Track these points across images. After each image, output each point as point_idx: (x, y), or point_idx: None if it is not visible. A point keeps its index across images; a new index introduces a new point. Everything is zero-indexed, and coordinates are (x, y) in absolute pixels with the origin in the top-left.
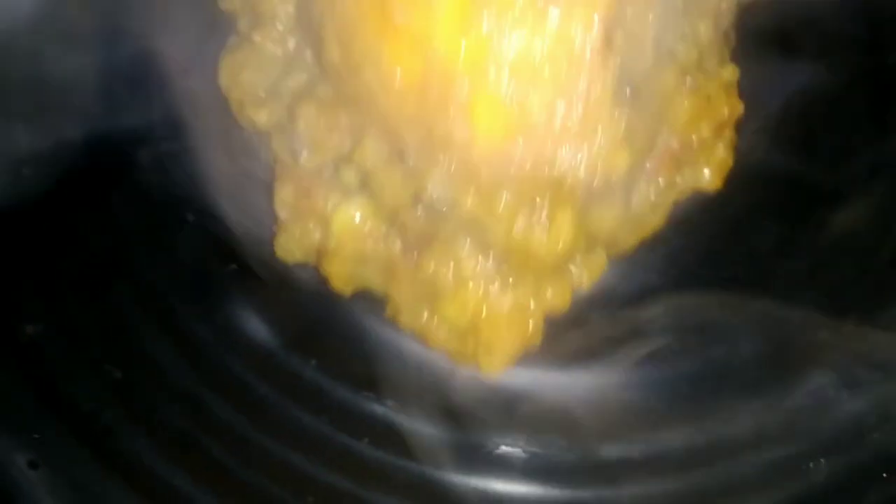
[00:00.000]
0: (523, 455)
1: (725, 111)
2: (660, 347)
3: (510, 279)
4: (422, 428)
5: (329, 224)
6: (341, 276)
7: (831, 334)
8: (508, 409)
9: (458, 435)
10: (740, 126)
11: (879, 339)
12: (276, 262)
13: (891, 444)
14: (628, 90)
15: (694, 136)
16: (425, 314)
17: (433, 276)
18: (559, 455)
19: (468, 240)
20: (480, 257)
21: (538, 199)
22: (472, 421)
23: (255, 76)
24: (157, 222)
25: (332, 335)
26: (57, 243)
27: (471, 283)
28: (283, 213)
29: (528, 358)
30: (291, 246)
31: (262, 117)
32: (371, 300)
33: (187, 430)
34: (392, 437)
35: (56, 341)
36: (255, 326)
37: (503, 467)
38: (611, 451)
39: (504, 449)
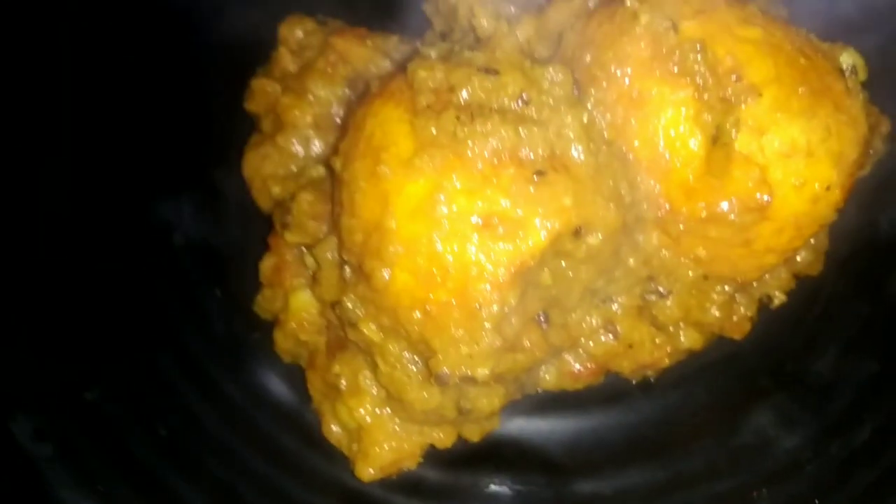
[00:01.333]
0: (510, 493)
1: (647, 359)
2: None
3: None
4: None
5: (287, 300)
6: (282, 347)
7: (770, 381)
8: (496, 453)
9: (453, 476)
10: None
11: (812, 384)
12: None
13: (823, 474)
14: (542, 316)
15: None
16: (326, 407)
17: (336, 379)
18: (540, 492)
19: (367, 361)
20: (376, 381)
21: (419, 363)
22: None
23: (277, 168)
24: (192, 298)
25: None
26: (110, 321)
27: (363, 398)
28: (263, 279)
29: (513, 406)
30: (263, 306)
31: (274, 191)
32: None
33: (225, 478)
34: (399, 479)
35: (112, 404)
36: (277, 386)
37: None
38: (584, 486)
39: (493, 488)
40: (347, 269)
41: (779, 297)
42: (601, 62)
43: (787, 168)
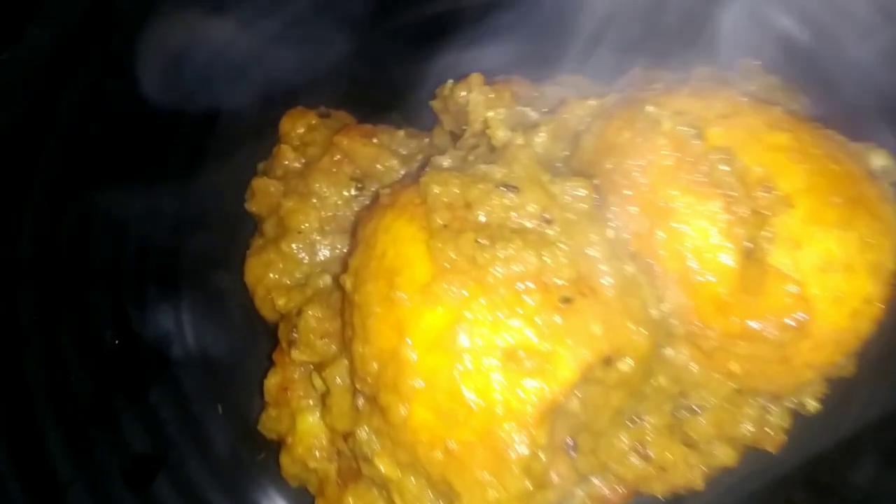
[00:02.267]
0: None
1: (679, 481)
2: None
3: None
4: None
5: (295, 422)
6: (288, 472)
7: (806, 493)
8: None
9: None
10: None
11: (849, 496)
12: None
13: None
14: (570, 441)
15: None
16: None
17: None
18: None
19: (382, 495)
20: None
21: (441, 501)
22: None
23: (281, 276)
24: (191, 415)
25: None
26: (103, 442)
27: None
28: (268, 397)
29: None
30: (268, 426)
31: (279, 303)
32: None
33: None
34: None
35: None
36: None
37: None
38: None
39: None
40: (361, 399)
41: (812, 405)
42: (623, 169)
43: (825, 283)
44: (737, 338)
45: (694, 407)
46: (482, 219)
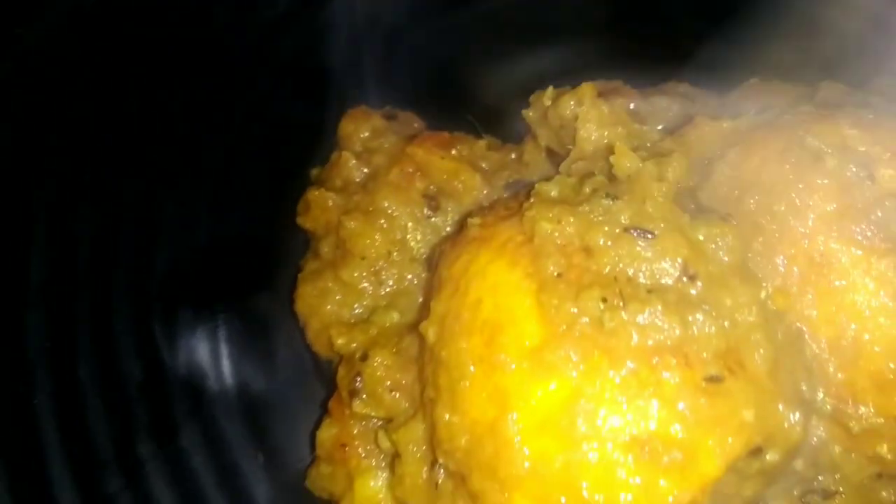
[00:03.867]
0: None
1: None
2: None
3: None
4: None
5: (353, 484)
6: None
7: None
8: None
9: None
10: None
11: None
12: None
13: None
14: None
15: None
16: None
17: None
18: None
19: None
20: None
21: None
22: None
23: (340, 309)
24: (227, 464)
25: None
26: (124, 498)
27: None
28: (321, 451)
29: None
30: (319, 484)
31: (338, 343)
32: None
33: None
34: None
35: None
36: None
37: None
38: None
39: None
40: (442, 474)
41: None
42: (771, 212)
43: None
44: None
45: (827, 490)
46: (606, 270)
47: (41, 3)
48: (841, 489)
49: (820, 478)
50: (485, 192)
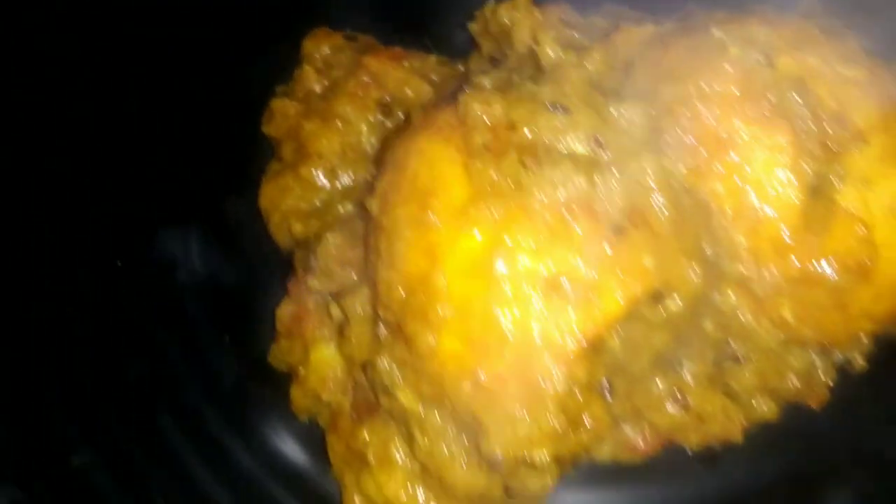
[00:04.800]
0: None
1: (718, 432)
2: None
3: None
4: None
5: (308, 353)
6: (299, 405)
7: (848, 457)
8: None
9: None
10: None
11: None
12: None
13: None
14: (606, 383)
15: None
16: (349, 477)
17: (363, 446)
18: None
19: (401, 430)
20: (409, 453)
21: (465, 437)
22: None
23: (299, 202)
24: (196, 345)
25: None
26: (102, 367)
27: (394, 472)
28: (280, 327)
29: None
30: (279, 358)
31: (296, 229)
32: None
33: None
34: None
35: (102, 471)
36: (292, 449)
37: None
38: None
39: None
40: (383, 327)
41: (860, 362)
42: (682, 97)
43: (894, 227)
44: (794, 281)
45: (738, 356)
46: (528, 139)
47: None
48: (752, 355)
49: (732, 344)
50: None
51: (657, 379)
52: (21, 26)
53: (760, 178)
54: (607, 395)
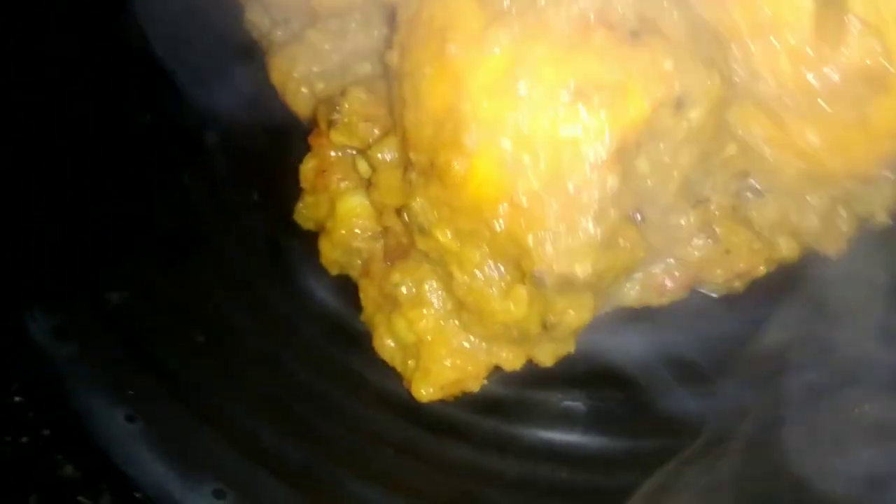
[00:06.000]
0: (584, 408)
1: (742, 266)
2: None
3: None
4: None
5: (334, 206)
6: (329, 257)
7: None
8: (569, 371)
9: (526, 392)
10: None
11: None
12: None
13: None
14: (638, 215)
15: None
16: (380, 319)
17: (395, 288)
18: (617, 408)
19: (436, 270)
20: (443, 291)
21: (503, 269)
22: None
23: (311, 66)
24: (226, 200)
25: None
26: (135, 220)
27: (426, 309)
28: (304, 183)
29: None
30: (305, 215)
31: (318, 88)
32: None
33: (269, 389)
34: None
35: (139, 307)
36: (323, 294)
37: (567, 420)
38: (665, 403)
39: (567, 403)
40: (413, 172)
41: (881, 217)
42: None
43: None
44: (814, 96)
45: (760, 189)
46: None
47: None
48: (774, 187)
49: (753, 179)
50: None
51: (687, 213)
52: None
53: None
54: (640, 223)
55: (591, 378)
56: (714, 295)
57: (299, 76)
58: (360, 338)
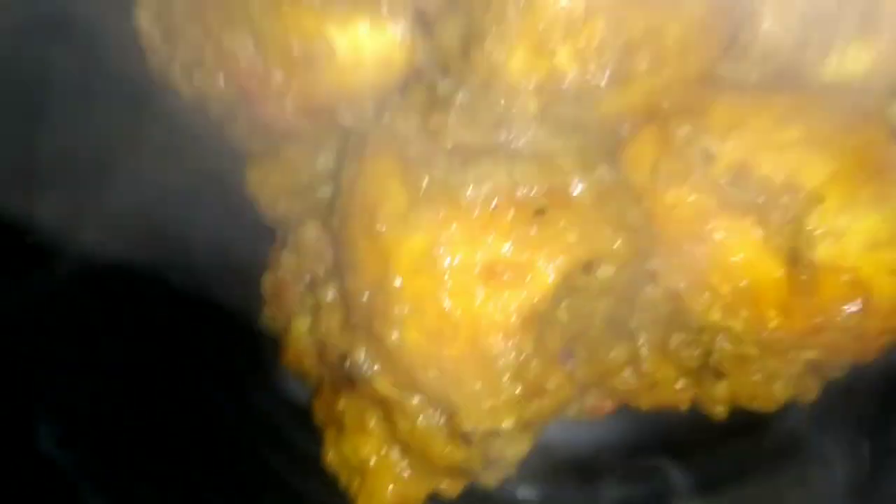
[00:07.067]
0: (537, 499)
1: (667, 398)
2: None
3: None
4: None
5: (289, 324)
6: (289, 365)
7: None
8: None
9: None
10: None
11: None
12: None
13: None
14: (568, 354)
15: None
16: (330, 433)
17: (341, 415)
18: (572, 496)
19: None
20: (387, 423)
21: (440, 416)
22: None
23: (284, 180)
24: (215, 298)
25: None
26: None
27: (370, 437)
28: (265, 294)
29: None
30: (268, 323)
31: (281, 207)
32: None
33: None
34: None
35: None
36: (299, 391)
37: None
38: (616, 489)
39: (521, 493)
40: (355, 321)
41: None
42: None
43: (875, 261)
44: (807, 335)
45: (721, 370)
46: (451, 143)
47: None
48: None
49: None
50: None
51: (617, 346)
52: None
53: (744, 261)
54: (568, 362)
55: (543, 467)
56: None
57: (271, 189)
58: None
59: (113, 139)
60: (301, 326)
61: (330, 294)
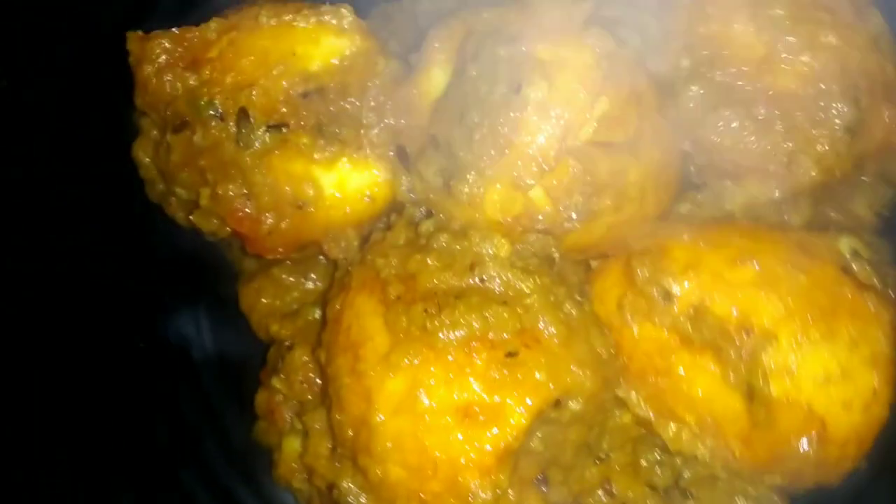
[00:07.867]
0: None
1: None
2: None
3: None
4: None
5: (280, 441)
6: (281, 478)
7: None
8: None
9: None
10: None
11: None
12: None
13: None
14: (542, 478)
15: None
16: None
17: None
18: None
19: None
20: None
21: None
22: None
23: (273, 300)
24: (211, 412)
25: None
26: (134, 437)
27: None
28: (258, 410)
29: None
30: (261, 437)
31: (272, 329)
32: None
33: None
34: None
35: None
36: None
37: None
38: None
39: None
40: (341, 452)
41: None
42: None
43: (829, 395)
44: (770, 463)
45: (690, 491)
46: (427, 287)
47: None
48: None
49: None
50: None
51: (589, 467)
52: None
53: (704, 398)
54: (543, 487)
55: None
56: None
57: (262, 309)
58: None
59: None
60: (291, 446)
61: (318, 423)
